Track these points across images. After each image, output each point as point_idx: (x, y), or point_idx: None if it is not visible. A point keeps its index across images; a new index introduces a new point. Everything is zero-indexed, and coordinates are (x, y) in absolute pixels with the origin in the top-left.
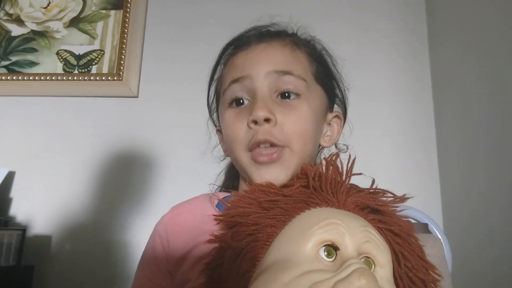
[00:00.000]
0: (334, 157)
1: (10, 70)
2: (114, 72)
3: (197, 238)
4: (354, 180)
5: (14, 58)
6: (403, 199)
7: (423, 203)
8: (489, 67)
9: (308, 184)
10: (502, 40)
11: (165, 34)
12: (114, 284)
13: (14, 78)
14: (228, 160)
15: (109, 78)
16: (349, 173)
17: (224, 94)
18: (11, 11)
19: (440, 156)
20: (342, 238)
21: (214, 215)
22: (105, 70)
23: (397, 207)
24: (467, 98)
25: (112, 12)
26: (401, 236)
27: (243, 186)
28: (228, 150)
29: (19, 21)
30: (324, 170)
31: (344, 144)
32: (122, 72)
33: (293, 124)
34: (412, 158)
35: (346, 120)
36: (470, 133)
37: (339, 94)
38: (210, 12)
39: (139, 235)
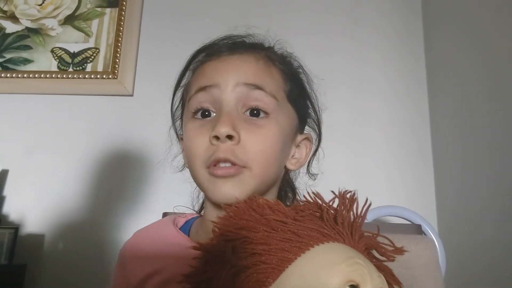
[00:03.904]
0: (351, 194)
1: (4, 67)
2: (109, 70)
3: (155, 264)
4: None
5: (8, 56)
6: (401, 251)
7: (417, 204)
8: (485, 64)
9: (319, 213)
10: (498, 36)
11: (160, 32)
12: (107, 284)
13: (8, 75)
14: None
15: (104, 76)
16: (363, 215)
17: (189, 102)
18: (5, 8)
19: (435, 156)
20: (365, 281)
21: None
22: (100, 68)
23: (394, 257)
24: (463, 95)
25: (108, 10)
26: (392, 286)
27: (208, 208)
28: (188, 163)
29: (13, 18)
30: (337, 204)
31: (314, 174)
32: (117, 71)
33: (258, 144)
34: (407, 157)
35: (320, 145)
36: (466, 132)
37: (313, 115)
38: (206, 10)
39: None
